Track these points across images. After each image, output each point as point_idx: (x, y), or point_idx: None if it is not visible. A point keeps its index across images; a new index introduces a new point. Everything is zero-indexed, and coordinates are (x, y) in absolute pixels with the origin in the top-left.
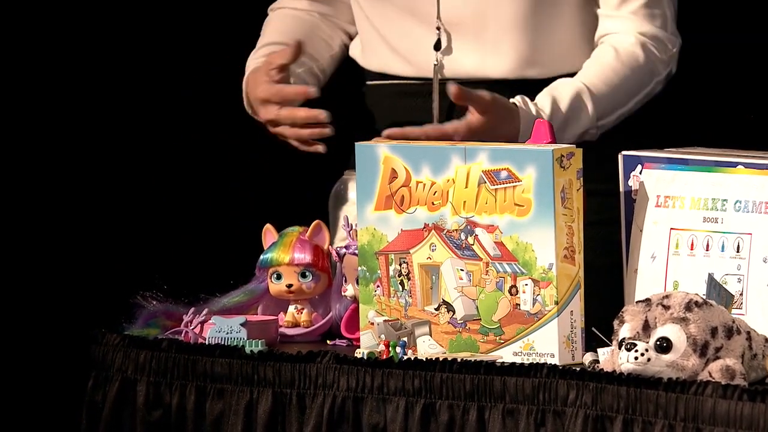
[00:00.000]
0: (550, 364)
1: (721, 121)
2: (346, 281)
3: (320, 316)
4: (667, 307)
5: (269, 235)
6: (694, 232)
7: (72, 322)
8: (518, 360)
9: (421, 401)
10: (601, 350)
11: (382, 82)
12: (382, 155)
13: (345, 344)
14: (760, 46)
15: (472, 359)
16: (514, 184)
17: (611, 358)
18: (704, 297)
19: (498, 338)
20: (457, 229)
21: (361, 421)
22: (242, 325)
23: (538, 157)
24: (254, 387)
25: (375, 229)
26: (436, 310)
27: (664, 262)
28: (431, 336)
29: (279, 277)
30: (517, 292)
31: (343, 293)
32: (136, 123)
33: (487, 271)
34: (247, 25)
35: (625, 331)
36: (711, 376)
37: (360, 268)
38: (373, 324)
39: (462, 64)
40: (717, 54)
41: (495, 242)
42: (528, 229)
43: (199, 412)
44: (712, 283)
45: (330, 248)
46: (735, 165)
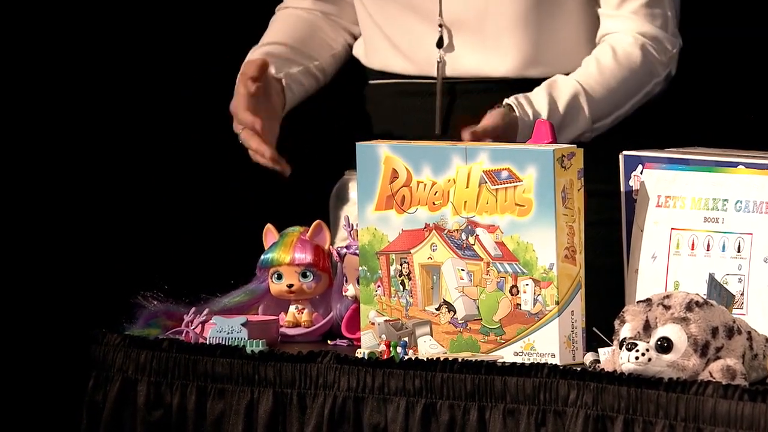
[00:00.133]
0: (551, 364)
1: (721, 121)
2: (346, 281)
3: (321, 316)
4: (667, 307)
5: (270, 235)
6: (695, 232)
7: (72, 322)
8: (519, 360)
9: (422, 401)
10: (601, 350)
11: (384, 81)
12: (382, 155)
13: (346, 344)
14: (761, 46)
15: (473, 359)
16: (515, 184)
17: (612, 358)
18: (705, 297)
19: (499, 338)
20: (457, 229)
21: (362, 421)
22: (243, 325)
23: (538, 157)
24: (255, 387)
25: (376, 229)
26: (437, 310)
27: (665, 262)
28: (432, 336)
29: (280, 277)
30: (518, 292)
31: (344, 293)
32: (136, 123)
33: (488, 271)
34: (248, 25)
35: (625, 331)
36: (712, 376)
37: (361, 268)
38: (373, 324)
39: (464, 63)
40: (717, 53)
41: (496, 242)
42: (529, 229)
43: (200, 412)
44: (713, 283)
45: (331, 248)
46: (736, 165)
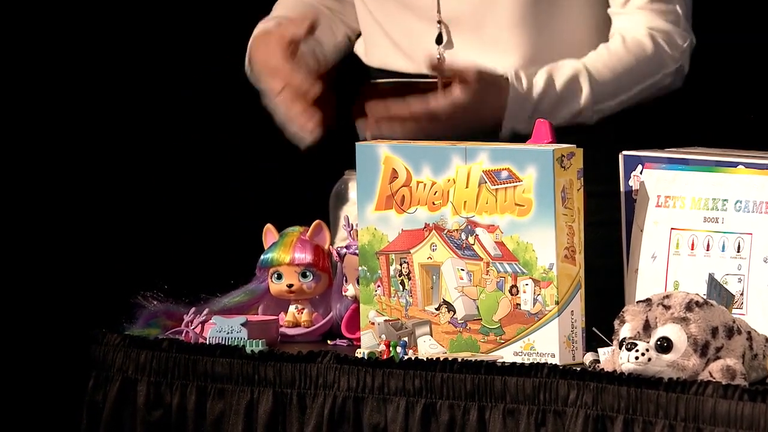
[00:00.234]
0: (551, 364)
1: (721, 121)
2: (346, 281)
3: (321, 316)
4: (667, 307)
5: (270, 235)
6: (695, 232)
7: (72, 322)
8: (519, 360)
9: (422, 401)
10: (601, 350)
11: (384, 80)
12: (382, 155)
13: (345, 344)
14: (761, 46)
15: (473, 359)
16: (515, 184)
17: (612, 358)
18: (705, 297)
19: (498, 338)
20: (457, 229)
21: (362, 421)
22: (243, 325)
23: (538, 157)
24: (255, 387)
25: (375, 229)
26: (437, 310)
27: (665, 262)
28: (432, 336)
29: (279, 277)
30: (518, 292)
31: (344, 293)
32: (136, 123)
33: (488, 271)
34: (247, 25)
35: (625, 331)
36: (711, 376)
37: (360, 268)
38: (373, 324)
39: (463, 60)
40: (717, 53)
41: (495, 242)
42: (528, 229)
43: (200, 412)
44: (713, 283)
45: (330, 248)
46: (735, 165)
